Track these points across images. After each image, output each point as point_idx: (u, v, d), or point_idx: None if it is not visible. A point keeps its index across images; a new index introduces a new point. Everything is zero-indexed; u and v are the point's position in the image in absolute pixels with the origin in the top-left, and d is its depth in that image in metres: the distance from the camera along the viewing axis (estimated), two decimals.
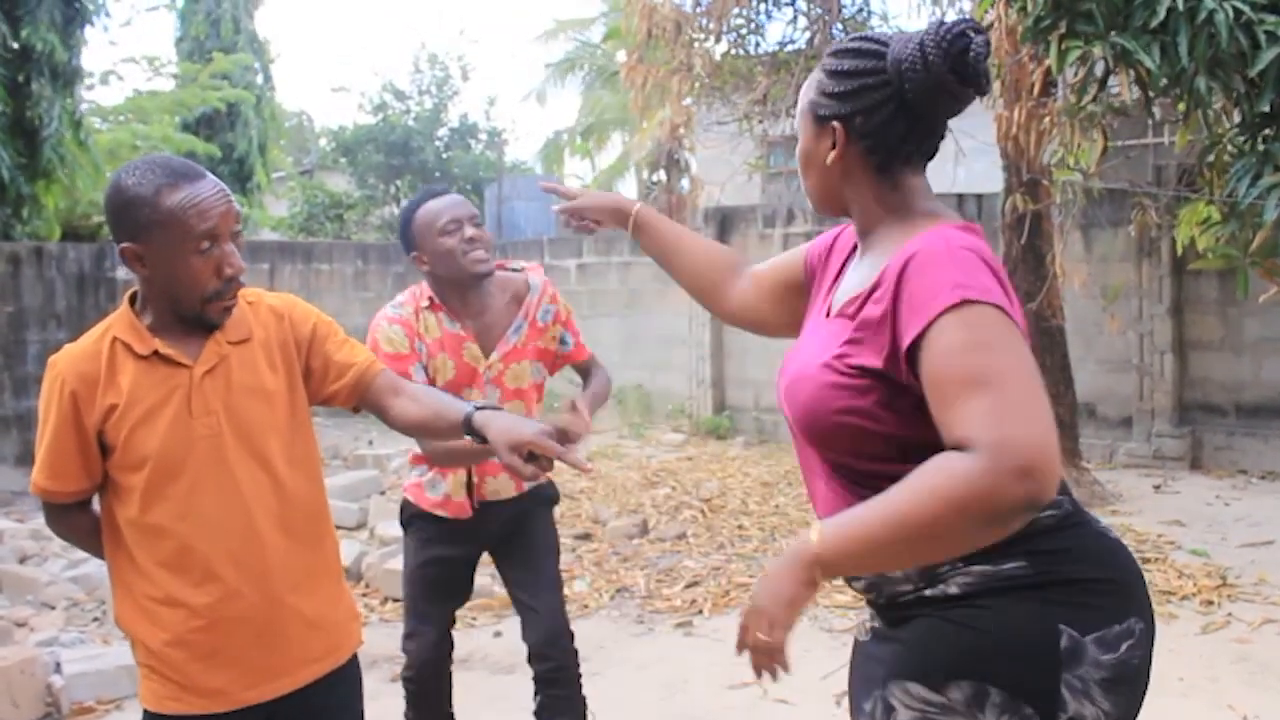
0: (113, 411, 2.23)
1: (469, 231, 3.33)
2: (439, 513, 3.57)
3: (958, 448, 1.58)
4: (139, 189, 2.16)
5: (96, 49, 49.92)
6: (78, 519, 2.35)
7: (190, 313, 2.25)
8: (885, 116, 1.86)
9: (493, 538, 3.61)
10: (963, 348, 1.62)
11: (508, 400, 3.45)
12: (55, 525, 2.38)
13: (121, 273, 12.05)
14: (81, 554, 6.99)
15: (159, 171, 2.18)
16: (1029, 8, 4.71)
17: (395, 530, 7.26)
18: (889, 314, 1.73)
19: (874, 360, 1.76)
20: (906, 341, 1.69)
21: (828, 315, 1.94)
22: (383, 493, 9.22)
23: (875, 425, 1.77)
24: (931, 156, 1.94)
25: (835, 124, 1.88)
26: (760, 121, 10.56)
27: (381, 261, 15.43)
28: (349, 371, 2.44)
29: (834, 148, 1.89)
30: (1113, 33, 4.42)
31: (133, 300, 2.31)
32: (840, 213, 1.96)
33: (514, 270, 3.59)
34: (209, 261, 2.19)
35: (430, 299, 3.42)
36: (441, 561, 3.58)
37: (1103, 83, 4.95)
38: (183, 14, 16.78)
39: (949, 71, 1.81)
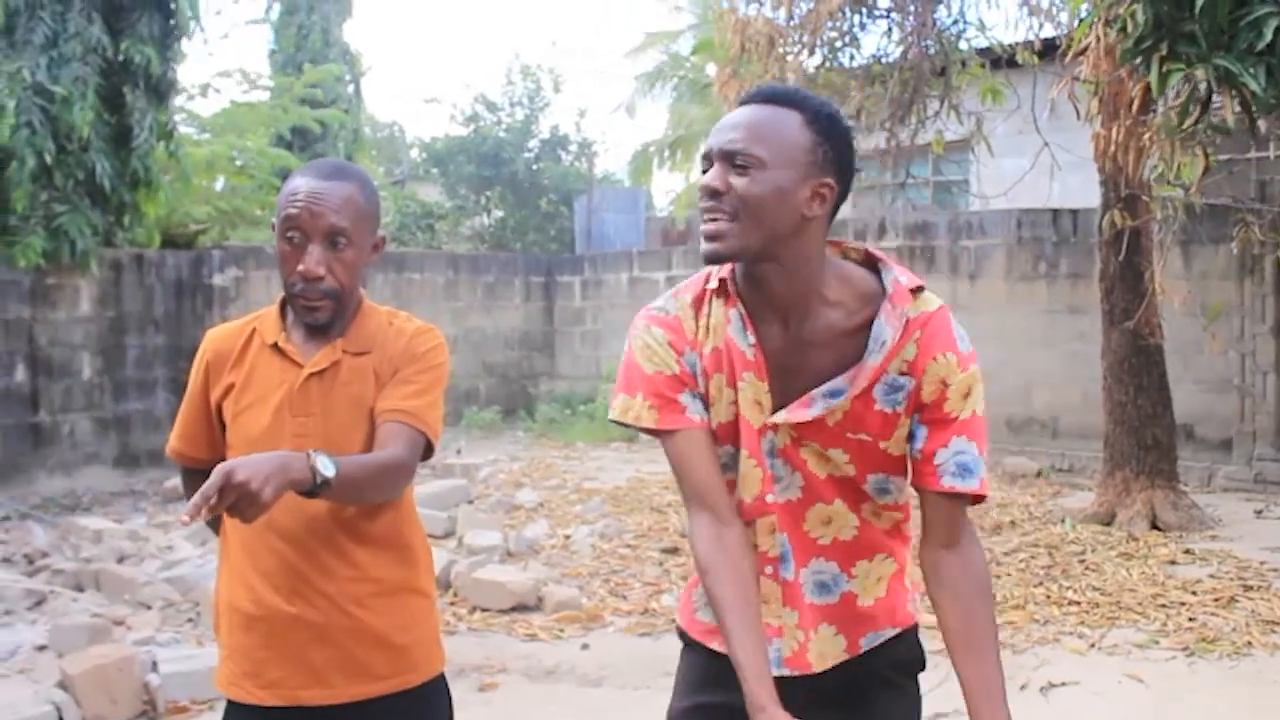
0: (230, 390, 2.33)
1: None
2: (716, 646, 2.22)
3: None
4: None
5: (194, 61, 51.11)
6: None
7: (292, 306, 2.31)
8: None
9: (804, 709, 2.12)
10: None
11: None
12: (187, 489, 2.45)
13: (218, 280, 12.26)
14: (178, 554, 7.38)
15: (304, 166, 2.34)
16: (1129, 28, 4.60)
17: (484, 539, 7.54)
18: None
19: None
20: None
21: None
22: (471, 502, 9.21)
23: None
24: None
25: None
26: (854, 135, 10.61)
27: (472, 272, 15.44)
28: (377, 415, 2.30)
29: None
30: (1216, 54, 4.29)
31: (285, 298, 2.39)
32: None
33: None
34: (293, 253, 2.23)
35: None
36: (706, 711, 2.24)
37: (1205, 104, 4.82)
38: (276, 28, 16.97)
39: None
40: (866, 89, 9.66)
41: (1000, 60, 9.30)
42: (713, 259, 1.90)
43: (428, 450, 2.31)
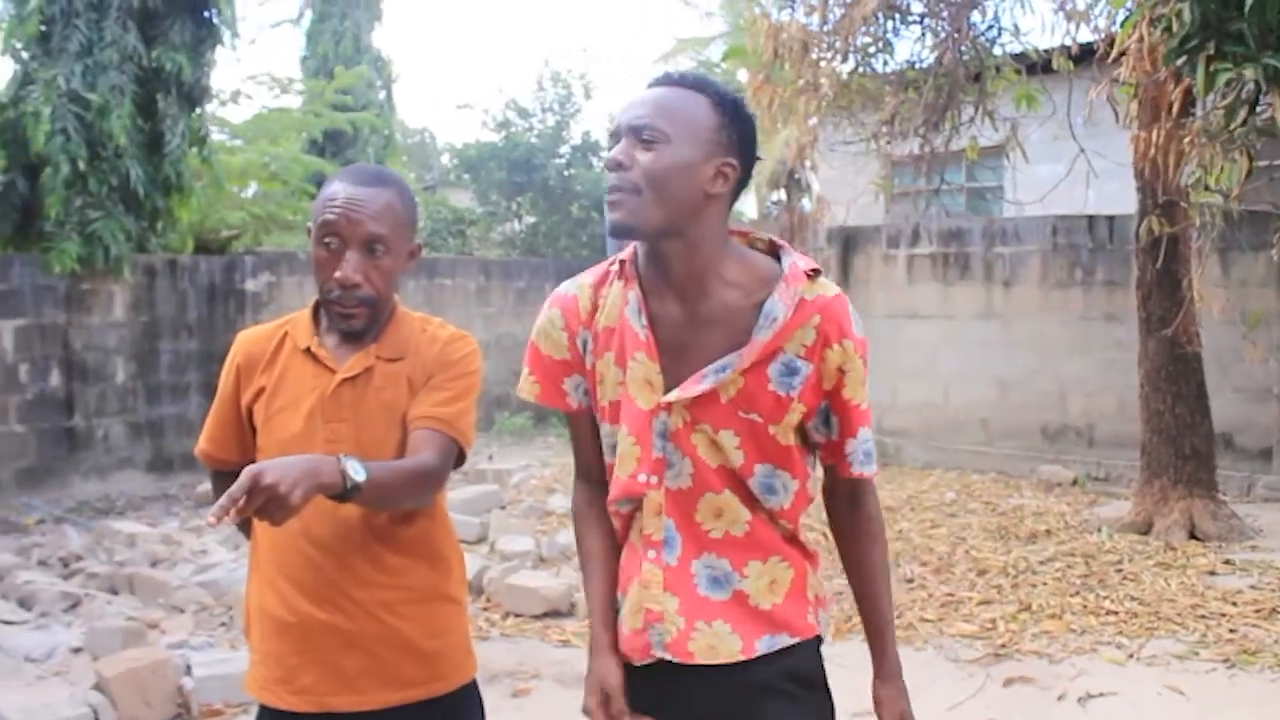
0: (261, 394, 2.33)
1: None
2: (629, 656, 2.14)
3: None
4: None
5: (224, 67, 51.38)
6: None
7: (327, 312, 2.31)
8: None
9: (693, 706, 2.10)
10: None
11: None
12: (215, 493, 2.40)
13: (251, 285, 12.22)
14: (211, 558, 7.38)
15: (342, 170, 2.34)
16: (1174, 28, 4.52)
17: (516, 545, 7.54)
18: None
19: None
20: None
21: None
22: (503, 507, 9.18)
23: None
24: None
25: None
26: (887, 141, 10.36)
27: (504, 277, 15.38)
28: (410, 422, 2.31)
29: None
30: (1265, 54, 4.21)
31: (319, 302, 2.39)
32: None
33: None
34: (330, 259, 2.24)
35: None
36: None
37: (1253, 105, 4.74)
38: (309, 33, 17.02)
39: None
40: (900, 95, 9.63)
41: (1035, 66, 9.15)
42: (617, 232, 1.94)
43: (460, 457, 2.31)
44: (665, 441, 2.03)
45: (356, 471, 1.96)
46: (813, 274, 2.00)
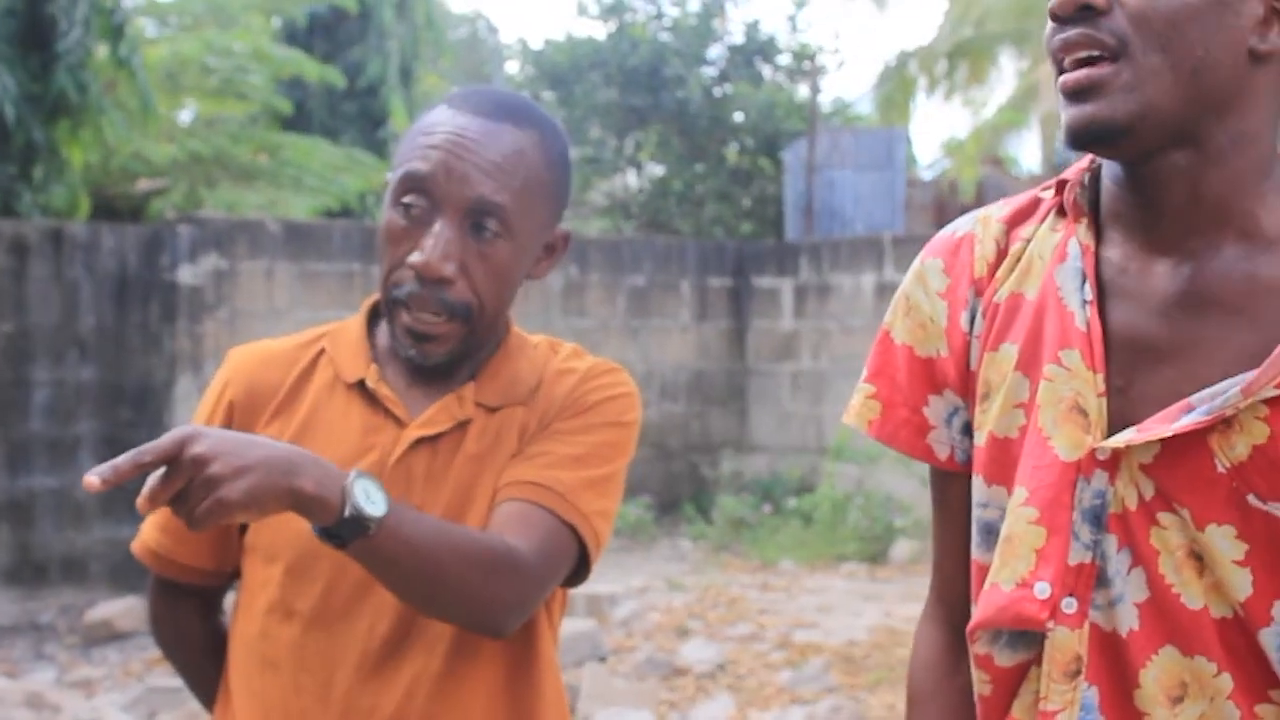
0: None
1: None
2: None
3: None
4: None
5: None
6: (192, 625, 1.94)
7: (391, 323, 1.81)
8: None
9: None
10: None
11: None
12: (159, 625, 1.96)
13: (188, 273, 9.65)
14: None
15: (458, 93, 1.92)
16: None
17: None
18: None
19: None
20: None
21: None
22: (604, 659, 7.88)
23: None
24: None
25: None
26: None
27: (609, 268, 12.22)
28: (499, 489, 1.86)
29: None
30: None
31: (379, 304, 1.91)
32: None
33: None
34: (408, 231, 1.73)
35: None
36: None
37: None
38: None
39: None
40: None
41: None
42: (1082, 136, 1.32)
43: (580, 565, 1.75)
44: (1101, 531, 1.36)
45: (370, 499, 1.51)
46: None
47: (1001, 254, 1.43)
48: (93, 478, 1.38)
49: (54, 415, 9.16)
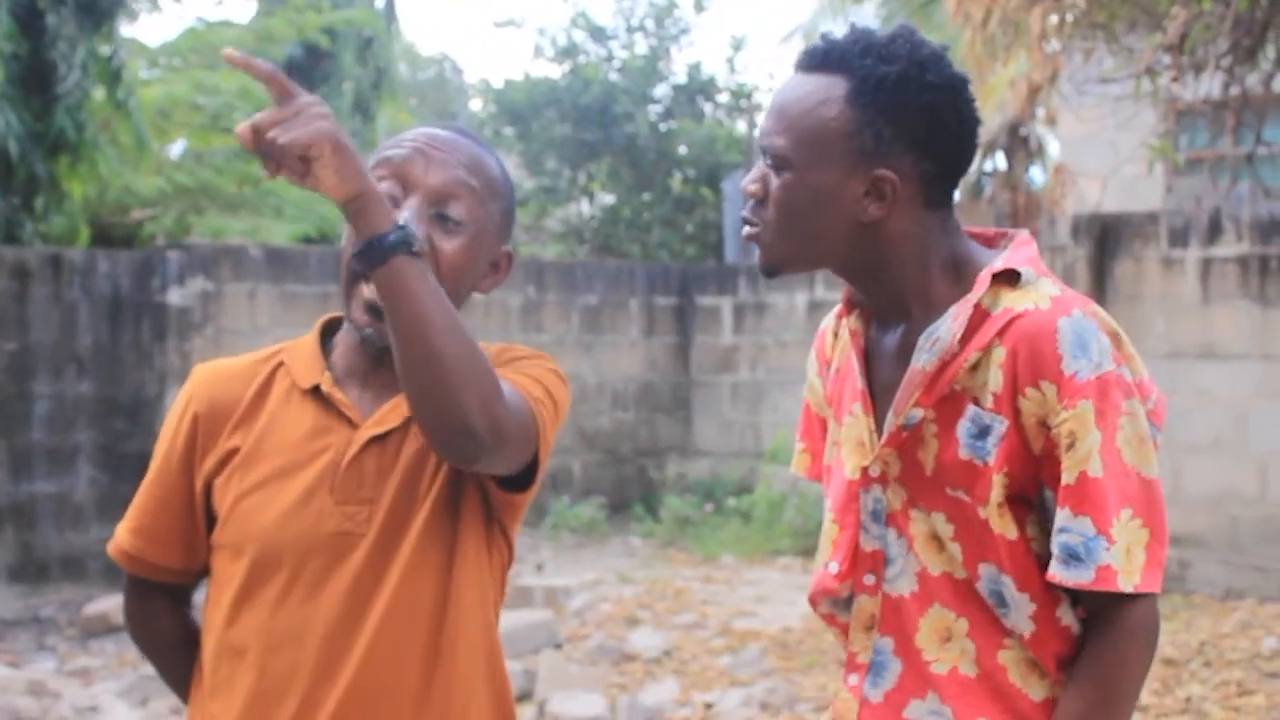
0: (231, 460, 1.90)
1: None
2: None
3: None
4: None
5: None
6: (164, 620, 1.97)
7: (347, 303, 1.87)
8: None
9: None
10: None
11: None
12: (133, 621, 1.99)
13: (176, 296, 10.20)
14: (104, 718, 6.65)
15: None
16: None
17: (579, 707, 6.99)
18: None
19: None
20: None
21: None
22: (559, 646, 8.04)
23: None
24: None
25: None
26: (1173, 78, 8.63)
27: (564, 288, 12.56)
28: None
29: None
30: None
31: (332, 322, 2.00)
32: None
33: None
34: None
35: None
36: None
37: None
38: None
39: None
40: (1193, 5, 8.14)
41: None
42: (757, 267, 1.87)
43: (531, 464, 1.79)
44: (883, 527, 1.82)
45: (412, 235, 1.63)
46: (1005, 277, 1.76)
47: (835, 337, 1.95)
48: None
49: (54, 426, 9.57)
